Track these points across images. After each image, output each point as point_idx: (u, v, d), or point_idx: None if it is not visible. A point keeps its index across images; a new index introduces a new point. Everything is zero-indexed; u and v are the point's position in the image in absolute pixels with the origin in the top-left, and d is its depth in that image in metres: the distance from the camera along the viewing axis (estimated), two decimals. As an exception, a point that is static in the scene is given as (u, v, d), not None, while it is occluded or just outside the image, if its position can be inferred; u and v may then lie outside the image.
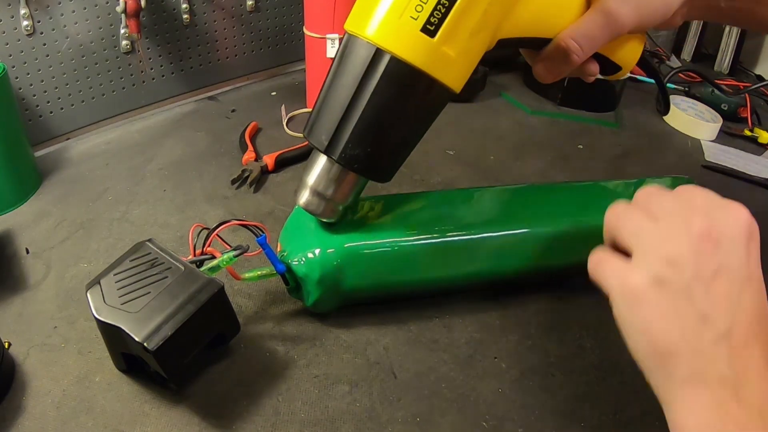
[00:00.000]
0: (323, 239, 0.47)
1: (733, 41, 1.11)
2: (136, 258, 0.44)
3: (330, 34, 0.77)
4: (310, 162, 0.45)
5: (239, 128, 0.79)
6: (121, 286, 0.42)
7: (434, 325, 0.51)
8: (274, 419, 0.42)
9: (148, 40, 0.80)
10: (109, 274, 0.43)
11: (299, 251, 0.47)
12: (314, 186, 0.45)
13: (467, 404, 0.45)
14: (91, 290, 0.42)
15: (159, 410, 0.43)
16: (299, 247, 0.47)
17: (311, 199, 0.45)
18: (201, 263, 0.45)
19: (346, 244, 0.46)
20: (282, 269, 0.47)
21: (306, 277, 0.47)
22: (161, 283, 0.41)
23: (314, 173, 0.44)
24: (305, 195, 0.45)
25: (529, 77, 1.02)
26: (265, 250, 0.45)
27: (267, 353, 0.48)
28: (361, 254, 0.47)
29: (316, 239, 0.47)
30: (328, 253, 0.46)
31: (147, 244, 0.45)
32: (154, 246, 0.44)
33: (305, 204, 0.45)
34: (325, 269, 0.46)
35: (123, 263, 0.43)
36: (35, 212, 0.63)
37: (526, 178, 0.74)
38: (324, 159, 0.44)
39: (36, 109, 0.72)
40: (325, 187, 0.44)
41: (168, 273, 0.42)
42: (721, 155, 0.83)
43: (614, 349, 0.47)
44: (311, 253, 0.46)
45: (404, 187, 0.70)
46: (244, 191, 0.68)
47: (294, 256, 0.47)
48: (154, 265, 0.43)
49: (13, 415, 0.41)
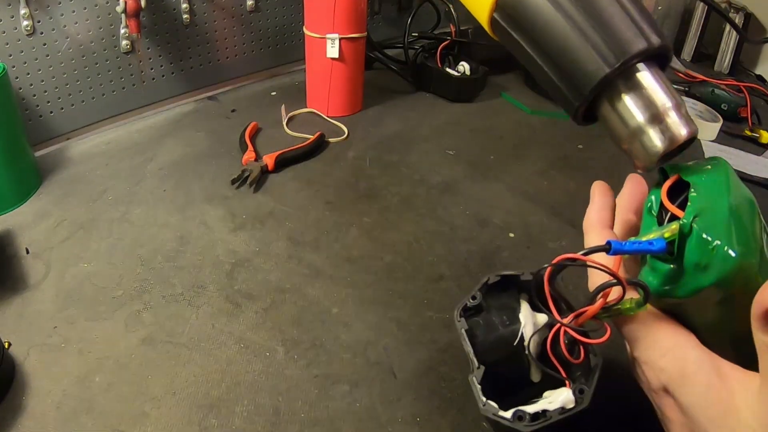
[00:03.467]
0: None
1: (733, 41, 1.11)
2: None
3: (330, 34, 0.77)
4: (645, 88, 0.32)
5: (239, 128, 0.79)
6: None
7: (434, 325, 0.51)
8: (274, 419, 0.42)
9: (148, 40, 0.80)
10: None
11: (721, 231, 0.29)
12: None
13: (467, 404, 0.44)
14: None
15: (159, 410, 0.43)
16: (722, 225, 0.30)
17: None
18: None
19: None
20: (662, 246, 0.31)
21: (703, 269, 0.30)
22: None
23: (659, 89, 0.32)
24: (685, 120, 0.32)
25: (529, 77, 1.02)
26: (629, 248, 0.31)
27: (267, 353, 0.48)
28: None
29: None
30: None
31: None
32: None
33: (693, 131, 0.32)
34: (734, 277, 0.29)
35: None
36: (35, 212, 0.63)
37: (526, 178, 0.74)
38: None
39: (36, 109, 0.72)
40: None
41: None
42: (721, 155, 0.82)
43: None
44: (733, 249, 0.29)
45: (404, 187, 0.70)
46: (244, 191, 0.68)
47: (709, 231, 0.30)
48: None
49: (13, 415, 0.41)
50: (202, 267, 0.56)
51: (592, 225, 0.37)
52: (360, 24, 0.79)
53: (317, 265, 0.58)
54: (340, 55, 0.80)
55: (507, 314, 0.39)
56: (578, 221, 0.38)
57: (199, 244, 0.59)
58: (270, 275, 0.56)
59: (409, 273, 0.57)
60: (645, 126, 0.32)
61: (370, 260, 0.59)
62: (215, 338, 0.49)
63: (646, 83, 0.32)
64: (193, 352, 0.48)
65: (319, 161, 0.75)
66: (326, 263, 0.58)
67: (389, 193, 0.69)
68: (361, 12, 0.79)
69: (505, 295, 0.40)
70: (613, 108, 0.33)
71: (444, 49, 0.96)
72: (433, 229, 0.64)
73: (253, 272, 0.56)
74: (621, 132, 0.33)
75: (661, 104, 0.32)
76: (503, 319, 0.39)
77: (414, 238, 0.62)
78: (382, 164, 0.75)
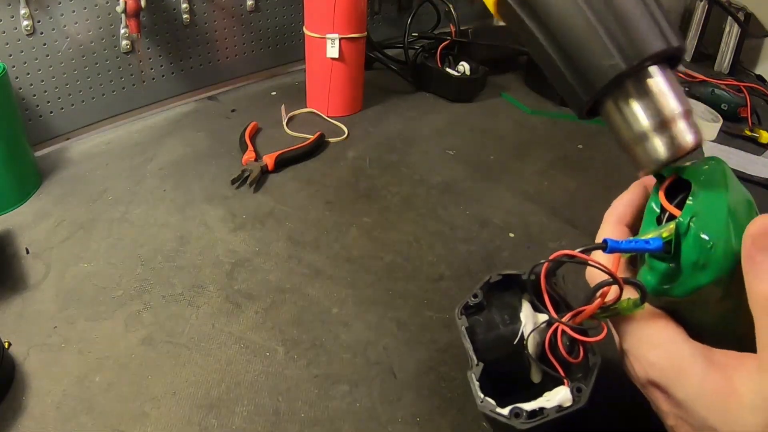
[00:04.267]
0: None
1: (733, 41, 1.11)
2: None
3: (330, 34, 0.77)
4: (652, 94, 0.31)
5: (239, 128, 0.79)
6: None
7: (434, 325, 0.51)
8: (274, 419, 0.42)
9: (148, 40, 0.80)
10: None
11: (719, 230, 0.29)
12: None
13: (467, 404, 0.44)
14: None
15: (159, 410, 0.43)
16: (720, 224, 0.30)
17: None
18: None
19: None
20: (659, 245, 0.31)
21: (701, 268, 0.30)
22: None
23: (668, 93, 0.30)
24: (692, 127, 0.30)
25: (529, 77, 1.02)
26: (625, 247, 0.31)
27: (267, 353, 0.48)
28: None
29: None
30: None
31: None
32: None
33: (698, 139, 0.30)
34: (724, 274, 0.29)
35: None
36: (35, 212, 0.63)
37: (526, 178, 0.74)
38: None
39: (36, 109, 0.72)
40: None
41: None
42: (721, 155, 0.83)
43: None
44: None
45: (404, 187, 0.70)
46: (244, 191, 0.68)
47: (706, 230, 0.30)
48: None
49: (13, 415, 0.41)
50: (202, 267, 0.56)
51: (608, 217, 0.36)
52: (360, 24, 0.79)
53: (317, 265, 0.58)
54: (340, 55, 0.80)
55: (508, 313, 0.39)
56: (578, 221, 0.39)
57: (199, 244, 0.59)
58: (270, 275, 0.56)
59: (409, 273, 0.57)
60: (650, 132, 0.30)
61: (370, 260, 0.59)
62: (215, 338, 0.49)
63: (658, 86, 0.30)
64: (193, 352, 0.48)
65: (319, 161, 0.75)
66: (326, 263, 0.58)
67: (389, 193, 0.69)
68: (361, 12, 0.79)
69: (507, 294, 0.40)
70: (618, 108, 0.31)
71: (444, 49, 0.96)
72: (433, 229, 0.64)
73: (253, 272, 0.56)
74: (624, 134, 0.32)
75: (670, 111, 0.30)
76: (504, 318, 0.39)
77: (414, 238, 0.62)
78: (382, 164, 0.75)
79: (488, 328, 0.39)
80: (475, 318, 0.39)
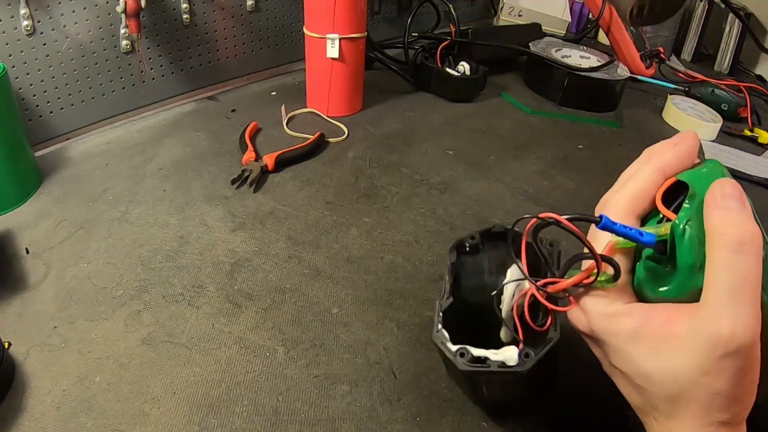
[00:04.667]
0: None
1: (733, 41, 1.11)
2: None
3: (330, 34, 0.77)
4: None
5: (239, 128, 0.79)
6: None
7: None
8: (274, 419, 0.42)
9: (148, 40, 0.80)
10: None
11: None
12: None
13: (467, 404, 0.44)
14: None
15: (159, 410, 0.43)
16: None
17: None
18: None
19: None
20: (652, 240, 0.31)
21: (698, 270, 0.30)
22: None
23: None
24: None
25: (529, 77, 1.02)
26: (618, 229, 0.31)
27: (267, 353, 0.48)
28: None
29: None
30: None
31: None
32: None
33: None
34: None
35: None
36: (35, 212, 0.63)
37: (526, 178, 0.74)
38: None
39: (36, 109, 0.72)
40: None
41: None
42: (721, 155, 0.83)
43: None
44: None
45: (404, 187, 0.70)
46: (244, 191, 0.68)
47: (702, 233, 0.30)
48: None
49: (13, 415, 0.41)
50: (202, 267, 0.56)
51: (620, 199, 0.35)
52: (360, 24, 0.79)
53: (317, 265, 0.58)
54: (340, 55, 0.80)
55: (498, 266, 0.40)
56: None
57: (199, 244, 0.59)
58: (270, 275, 0.56)
59: (409, 273, 0.57)
60: None
61: (369, 260, 0.59)
62: (215, 338, 0.49)
63: None
64: (193, 352, 0.48)
65: (319, 161, 0.75)
66: (326, 263, 0.58)
67: (389, 193, 0.69)
68: (361, 12, 0.79)
69: (506, 250, 0.41)
70: None
71: (444, 49, 0.96)
72: (433, 229, 0.64)
73: (252, 272, 0.56)
74: None
75: None
76: (492, 268, 0.39)
77: (414, 238, 0.62)
78: (382, 164, 0.75)
79: (473, 272, 0.40)
80: (466, 258, 0.40)
